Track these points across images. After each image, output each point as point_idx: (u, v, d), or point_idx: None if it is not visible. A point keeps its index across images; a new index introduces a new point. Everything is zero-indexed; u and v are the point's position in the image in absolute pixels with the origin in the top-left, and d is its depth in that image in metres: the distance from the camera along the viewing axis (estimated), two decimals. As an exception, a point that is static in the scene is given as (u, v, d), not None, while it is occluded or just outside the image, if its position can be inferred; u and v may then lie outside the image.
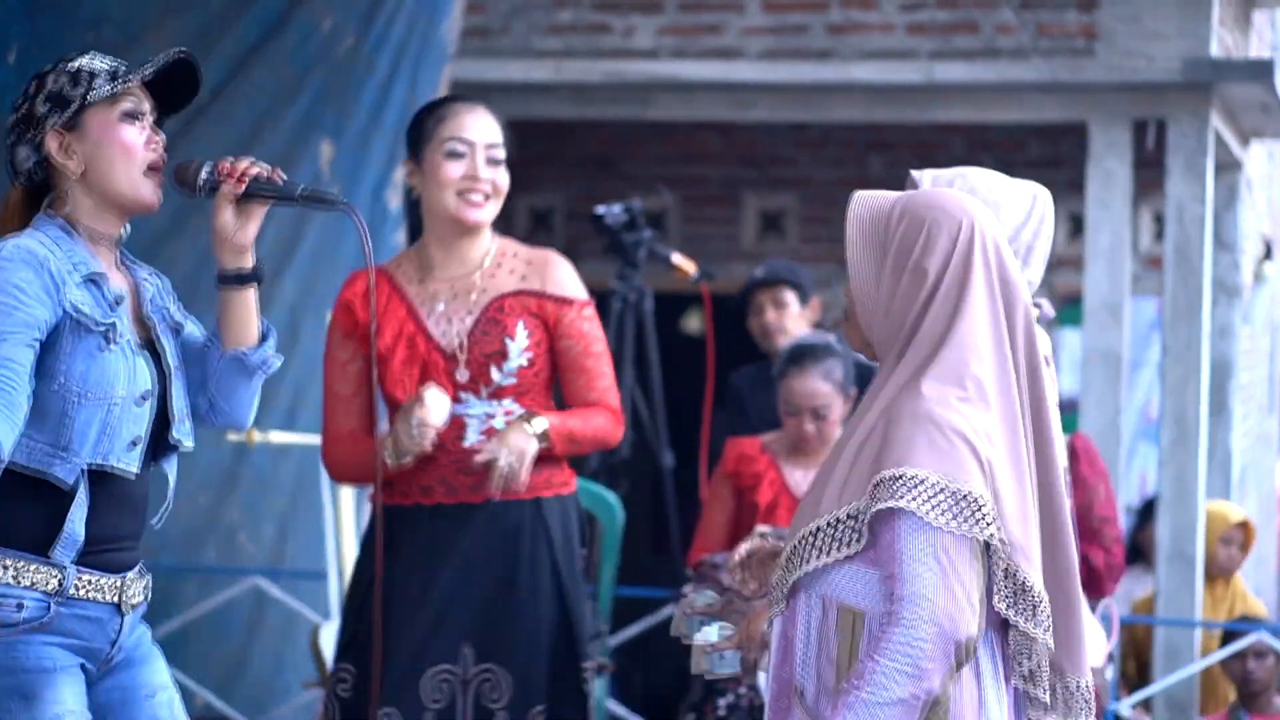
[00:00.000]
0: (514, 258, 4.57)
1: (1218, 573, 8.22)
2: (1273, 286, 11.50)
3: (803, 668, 3.23)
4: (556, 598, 4.51)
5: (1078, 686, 3.29)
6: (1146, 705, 7.89)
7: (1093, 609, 6.43)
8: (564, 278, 4.59)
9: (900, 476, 3.10)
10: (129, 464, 3.46)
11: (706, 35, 8.40)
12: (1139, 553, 8.76)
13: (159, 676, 3.60)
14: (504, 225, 4.72)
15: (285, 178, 3.60)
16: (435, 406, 4.33)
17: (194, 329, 3.67)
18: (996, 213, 4.04)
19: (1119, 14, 8.07)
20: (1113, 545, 6.32)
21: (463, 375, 4.44)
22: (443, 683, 4.42)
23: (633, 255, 7.38)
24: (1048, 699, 3.24)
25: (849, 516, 3.17)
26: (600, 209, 7.37)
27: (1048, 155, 9.78)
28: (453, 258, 4.52)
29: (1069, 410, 7.59)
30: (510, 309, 4.48)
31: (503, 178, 4.52)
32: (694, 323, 11.24)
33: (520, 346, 4.46)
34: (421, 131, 4.52)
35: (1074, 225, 9.32)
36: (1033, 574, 3.17)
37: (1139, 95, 8.09)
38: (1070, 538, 3.29)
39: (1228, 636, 7.45)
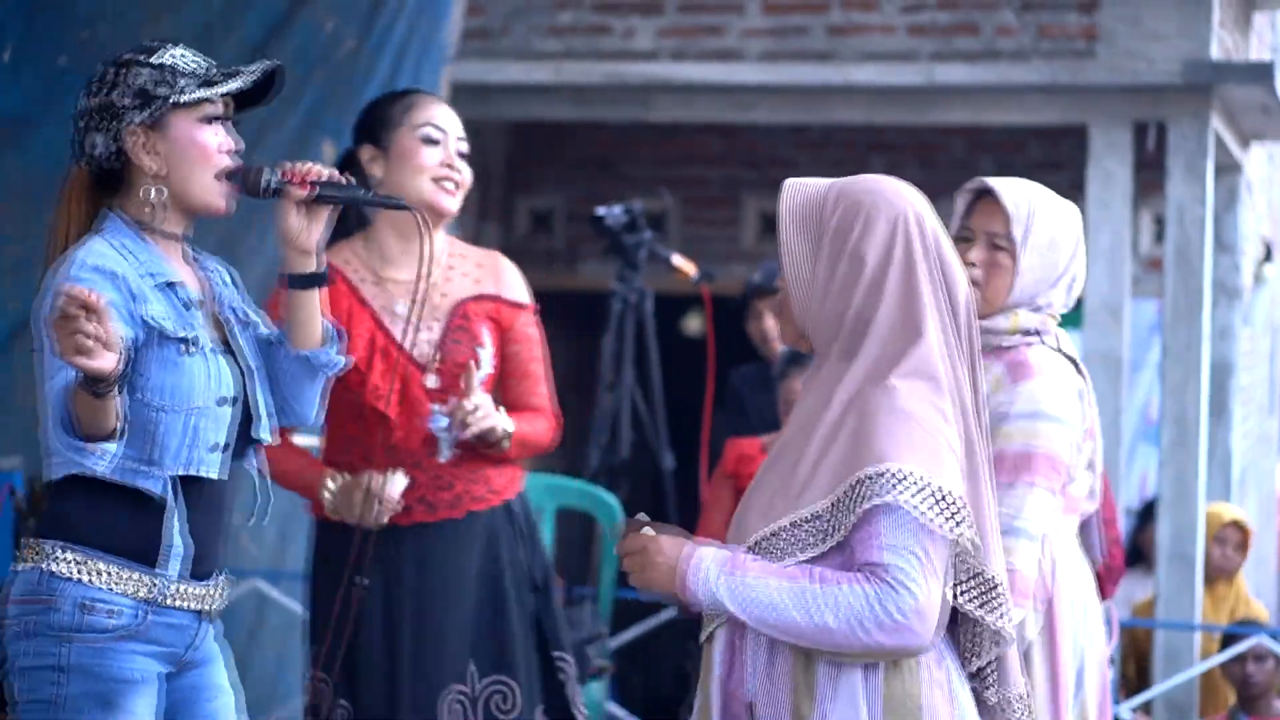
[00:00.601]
0: (464, 259, 4.50)
1: (1214, 573, 8.21)
2: (1273, 288, 11.50)
3: (753, 678, 3.16)
4: (532, 593, 4.51)
5: (1008, 698, 3.24)
6: (1146, 708, 7.89)
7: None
8: (515, 281, 4.54)
9: (885, 473, 3.05)
10: (212, 468, 3.45)
11: (706, 37, 8.40)
12: (1139, 555, 8.76)
13: (221, 677, 3.62)
14: (505, 227, 4.72)
15: (351, 179, 3.57)
16: (399, 492, 4.30)
17: (262, 325, 3.64)
18: (1062, 231, 4.06)
19: (1119, 16, 8.07)
20: (1111, 547, 6.32)
21: (432, 382, 4.40)
22: (456, 703, 4.40)
23: (633, 256, 7.39)
24: (995, 699, 3.21)
25: (814, 516, 3.11)
26: (601, 210, 7.38)
27: (1048, 157, 9.78)
28: (410, 252, 4.39)
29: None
30: (474, 315, 4.43)
31: (468, 172, 4.45)
32: (694, 324, 11.24)
33: (489, 354, 4.43)
34: (387, 117, 4.43)
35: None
36: (998, 570, 3.14)
37: (1139, 97, 8.09)
38: (997, 539, 3.22)
39: (1227, 639, 7.45)
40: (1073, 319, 4.45)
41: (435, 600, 4.40)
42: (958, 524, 3.07)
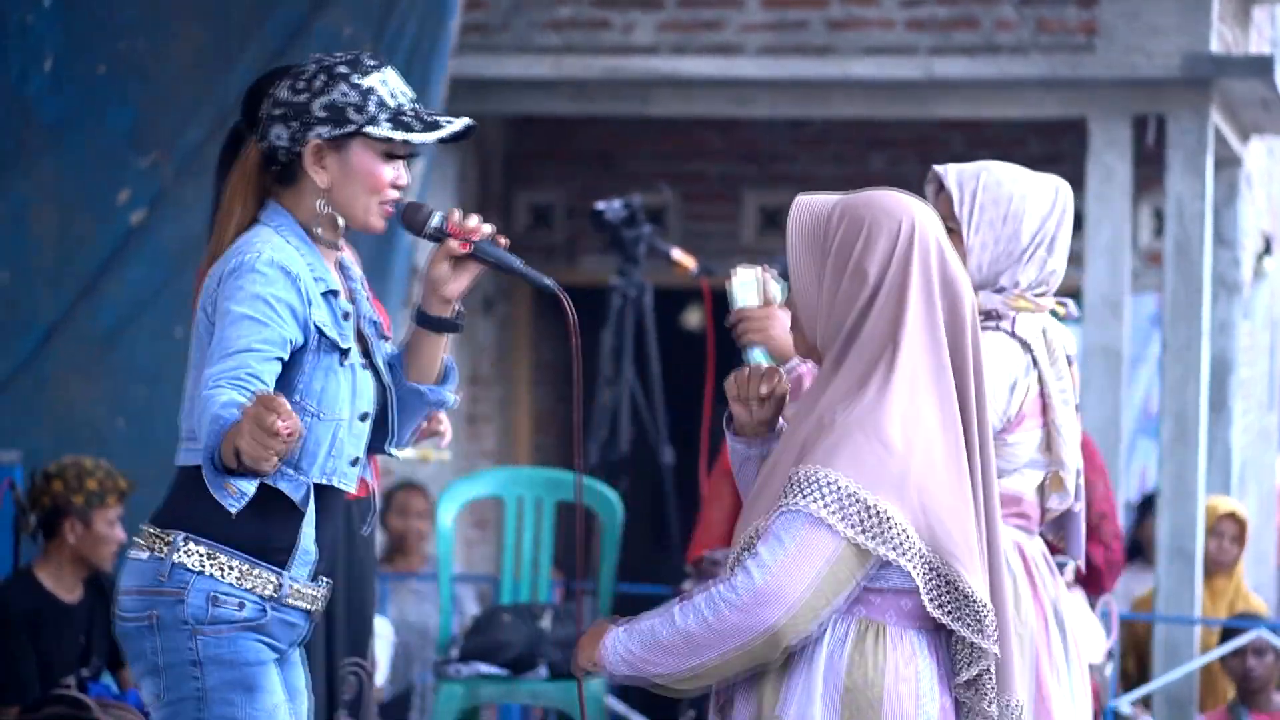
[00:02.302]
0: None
1: (1212, 566, 8.21)
2: (1273, 282, 11.50)
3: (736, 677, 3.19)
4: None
5: (1007, 704, 3.21)
6: (1146, 702, 7.89)
7: (1092, 606, 6.44)
8: None
9: (815, 477, 3.07)
10: (348, 482, 3.47)
11: (706, 31, 8.39)
12: (1139, 549, 8.75)
13: (300, 680, 3.61)
14: (504, 221, 4.71)
15: (507, 243, 3.56)
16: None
17: (389, 343, 3.66)
18: (1023, 204, 4.05)
19: (1119, 10, 8.07)
20: (1111, 541, 6.32)
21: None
22: (351, 674, 4.48)
23: (633, 251, 7.39)
24: (994, 711, 3.17)
25: (759, 531, 3.13)
26: (600, 204, 7.38)
27: (1048, 151, 9.78)
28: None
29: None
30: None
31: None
32: (694, 318, 11.24)
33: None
34: None
35: (1074, 221, 9.29)
36: (975, 583, 3.11)
37: (1139, 91, 8.09)
38: (1000, 551, 3.21)
39: (1227, 633, 7.45)
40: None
41: (361, 574, 4.52)
42: (878, 537, 3.05)
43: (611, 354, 7.46)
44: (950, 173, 4.08)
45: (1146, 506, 9.13)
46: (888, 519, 3.06)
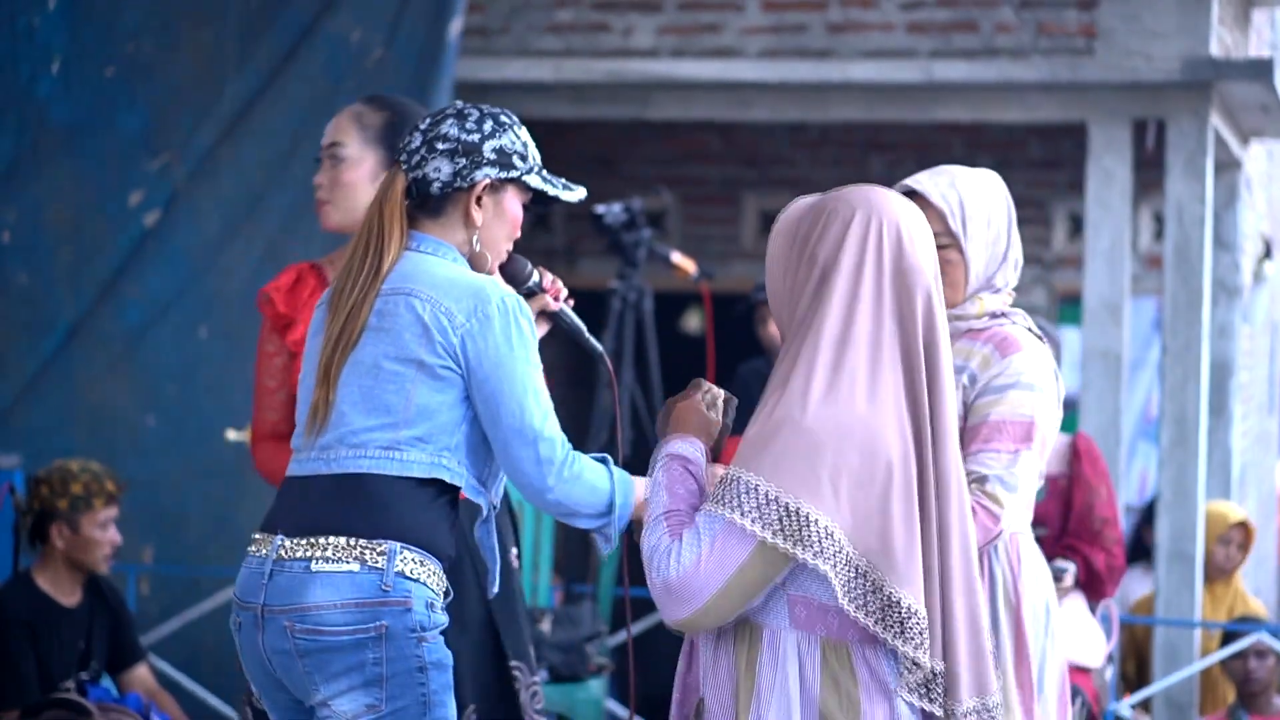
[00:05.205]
0: None
1: (1216, 573, 8.21)
2: (1272, 286, 11.50)
3: (703, 675, 3.22)
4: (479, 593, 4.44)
5: (984, 706, 3.17)
6: (1146, 705, 7.89)
7: (1093, 610, 6.45)
8: None
9: (738, 480, 3.09)
10: (498, 500, 3.70)
11: (706, 35, 8.39)
12: (1145, 552, 8.75)
13: None
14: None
15: (572, 303, 3.87)
16: None
17: None
18: (993, 206, 4.09)
19: (1119, 13, 8.07)
20: (1113, 546, 6.33)
21: None
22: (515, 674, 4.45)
23: (632, 254, 7.40)
24: (941, 712, 3.13)
25: None
26: (600, 208, 7.38)
27: (1047, 155, 9.78)
28: None
29: (1069, 409, 7.58)
30: None
31: (339, 175, 4.30)
32: (694, 322, 11.24)
33: None
34: None
35: (1074, 225, 9.31)
36: (901, 589, 3.08)
37: (1139, 95, 8.09)
38: (970, 540, 3.18)
39: (1227, 637, 7.44)
40: (1073, 317, 4.42)
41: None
42: (800, 542, 3.05)
43: (611, 357, 7.45)
44: (930, 190, 4.06)
45: (1150, 510, 9.12)
46: (809, 521, 3.05)
